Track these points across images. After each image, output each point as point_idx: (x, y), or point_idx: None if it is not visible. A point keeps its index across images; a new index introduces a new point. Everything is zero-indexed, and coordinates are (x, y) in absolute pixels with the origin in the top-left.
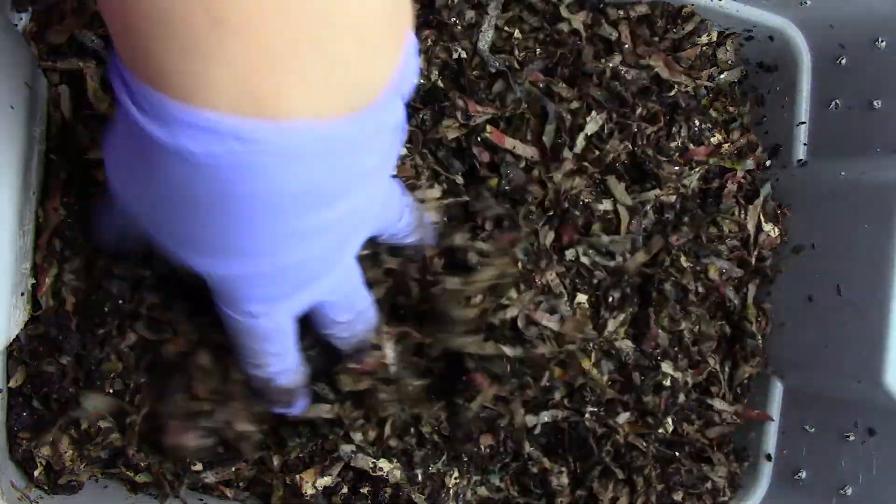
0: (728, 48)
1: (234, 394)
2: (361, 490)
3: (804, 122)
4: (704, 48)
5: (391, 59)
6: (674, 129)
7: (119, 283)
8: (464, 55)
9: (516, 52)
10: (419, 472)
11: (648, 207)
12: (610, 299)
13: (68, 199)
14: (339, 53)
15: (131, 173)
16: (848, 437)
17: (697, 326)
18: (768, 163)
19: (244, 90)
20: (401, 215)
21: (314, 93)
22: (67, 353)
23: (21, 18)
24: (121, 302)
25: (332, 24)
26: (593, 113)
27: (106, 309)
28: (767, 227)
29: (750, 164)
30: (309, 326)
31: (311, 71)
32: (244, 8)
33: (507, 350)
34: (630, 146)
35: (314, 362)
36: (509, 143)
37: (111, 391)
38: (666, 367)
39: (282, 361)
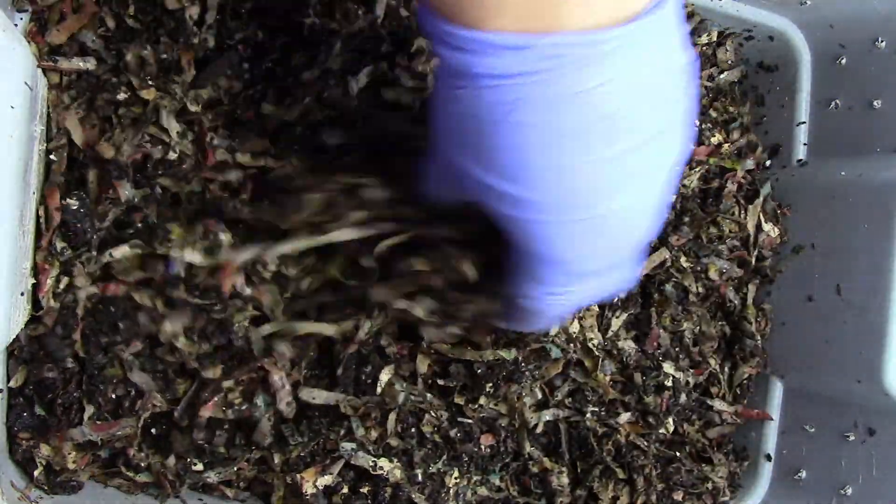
0: (728, 48)
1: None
2: (361, 490)
3: (804, 122)
4: (704, 48)
5: None
6: None
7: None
8: None
9: None
10: (419, 471)
11: None
12: (614, 299)
13: (71, 199)
14: None
15: (445, 111)
16: (848, 437)
17: (698, 327)
18: (768, 163)
19: (529, 11)
20: None
21: (586, 6)
22: (70, 357)
23: (21, 18)
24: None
25: None
26: None
27: (118, 323)
28: (767, 227)
29: (750, 164)
30: None
31: None
32: None
33: (505, 354)
34: None
35: None
36: None
37: (114, 395)
38: (667, 367)
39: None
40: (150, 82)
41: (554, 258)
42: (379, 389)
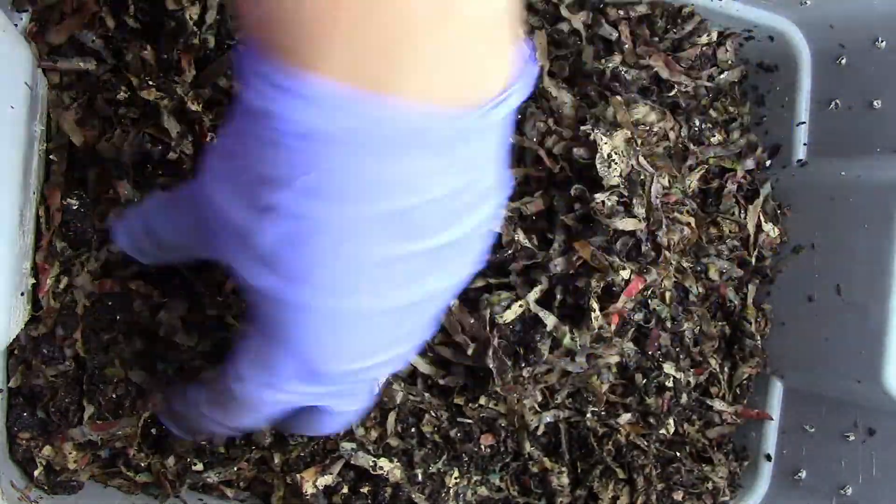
0: (728, 48)
1: None
2: (361, 490)
3: (804, 122)
4: (704, 48)
5: (505, 59)
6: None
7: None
8: None
9: None
10: (419, 471)
11: None
12: None
13: (71, 199)
14: (455, 45)
15: (230, 147)
16: (848, 437)
17: (698, 327)
18: (768, 163)
19: (360, 67)
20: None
21: (428, 79)
22: (70, 357)
23: (21, 18)
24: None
25: (450, 15)
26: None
27: (117, 317)
28: (767, 227)
29: (750, 164)
30: None
31: (427, 57)
32: None
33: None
34: None
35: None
36: None
37: (115, 395)
38: (668, 367)
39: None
40: (150, 82)
41: (293, 351)
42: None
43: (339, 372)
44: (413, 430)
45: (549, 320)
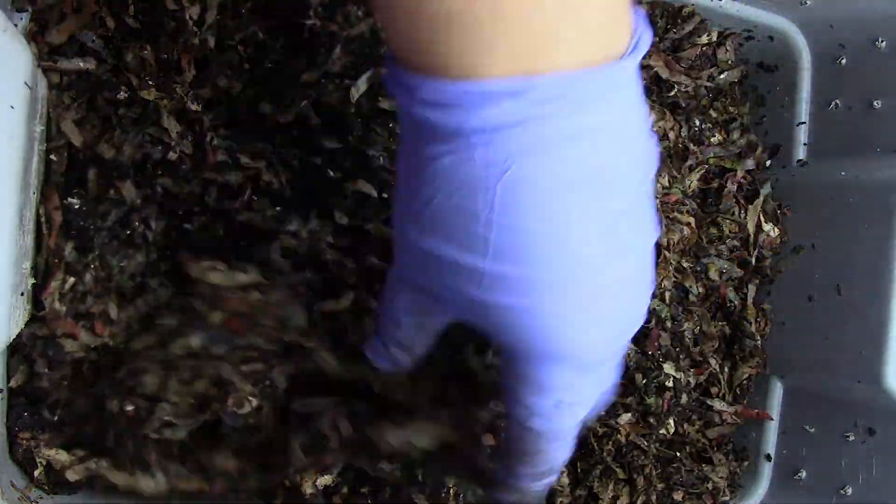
0: (728, 48)
1: None
2: (361, 490)
3: (804, 122)
4: (704, 48)
5: (627, 9)
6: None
7: None
8: None
9: None
10: (419, 471)
11: None
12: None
13: (72, 199)
14: (591, 16)
15: (420, 194)
16: (848, 437)
17: (698, 327)
18: (768, 163)
19: (523, 50)
20: None
21: (578, 46)
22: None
23: (21, 18)
24: None
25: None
26: None
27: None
28: (767, 227)
29: (750, 164)
30: None
31: (571, 28)
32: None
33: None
34: None
35: None
36: None
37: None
38: (668, 367)
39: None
40: (150, 82)
41: (559, 351)
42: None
43: (604, 347)
44: None
45: None
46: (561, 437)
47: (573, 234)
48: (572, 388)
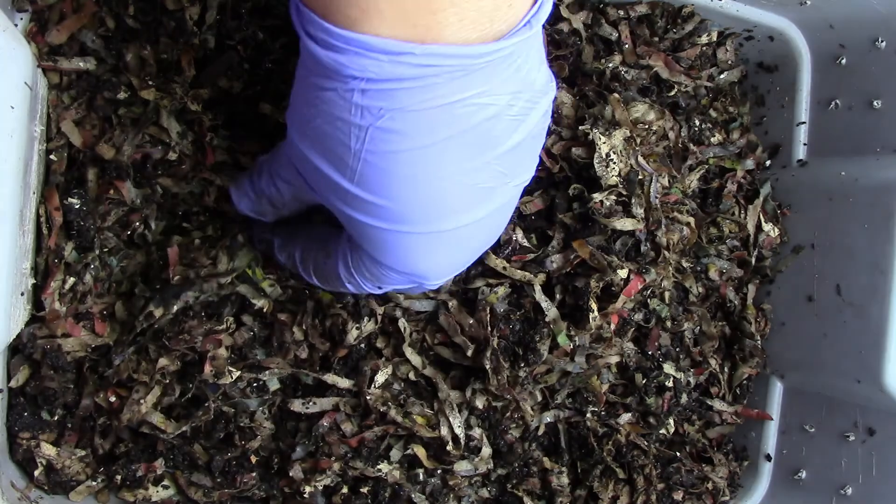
0: (728, 48)
1: None
2: (361, 490)
3: (804, 122)
4: (704, 48)
5: None
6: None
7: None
8: None
9: None
10: (420, 471)
11: None
12: None
13: (73, 199)
14: None
15: (303, 112)
16: (848, 437)
17: (698, 327)
18: (768, 163)
19: (405, 22)
20: None
21: (461, 24)
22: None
23: (21, 18)
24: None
25: None
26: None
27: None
28: (767, 227)
29: (750, 164)
30: None
31: (457, 7)
32: None
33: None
34: None
35: None
36: None
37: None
38: (668, 367)
39: None
40: (149, 82)
41: (388, 263)
42: (376, 389)
43: (448, 273)
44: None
45: (551, 312)
46: (343, 287)
47: (434, 182)
48: (399, 286)
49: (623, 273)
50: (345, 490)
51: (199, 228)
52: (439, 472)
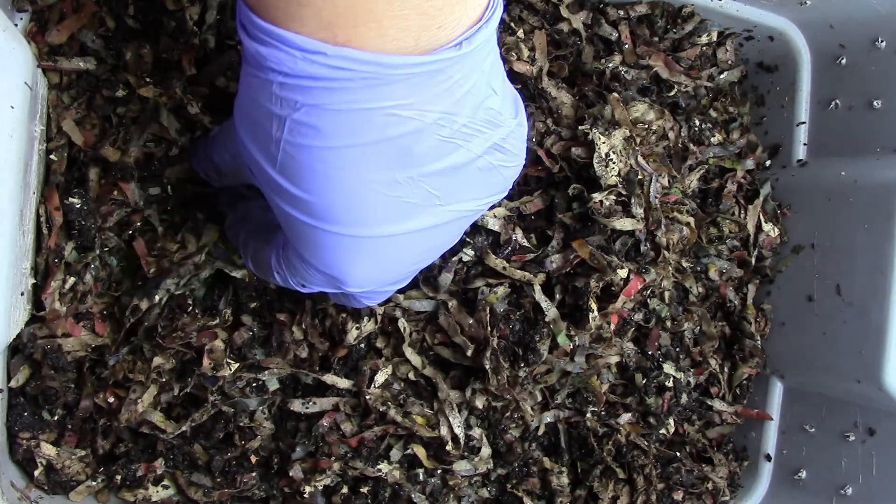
0: (728, 48)
1: None
2: (361, 490)
3: (804, 122)
4: (704, 48)
5: (464, 6)
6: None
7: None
8: None
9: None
10: (420, 471)
11: None
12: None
13: (73, 199)
14: (406, 5)
15: (242, 95)
16: (848, 437)
17: (698, 327)
18: (768, 163)
19: (327, 26)
20: None
21: (381, 35)
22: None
23: (21, 18)
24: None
25: None
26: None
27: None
28: (767, 227)
29: (750, 164)
30: None
31: (380, 18)
32: None
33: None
34: None
35: None
36: None
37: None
38: (668, 367)
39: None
40: (147, 80)
41: (310, 260)
42: (376, 389)
43: (368, 283)
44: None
45: (551, 312)
46: (272, 279)
47: (352, 184)
48: (322, 287)
49: (623, 273)
50: (345, 490)
51: (162, 220)
52: (439, 471)
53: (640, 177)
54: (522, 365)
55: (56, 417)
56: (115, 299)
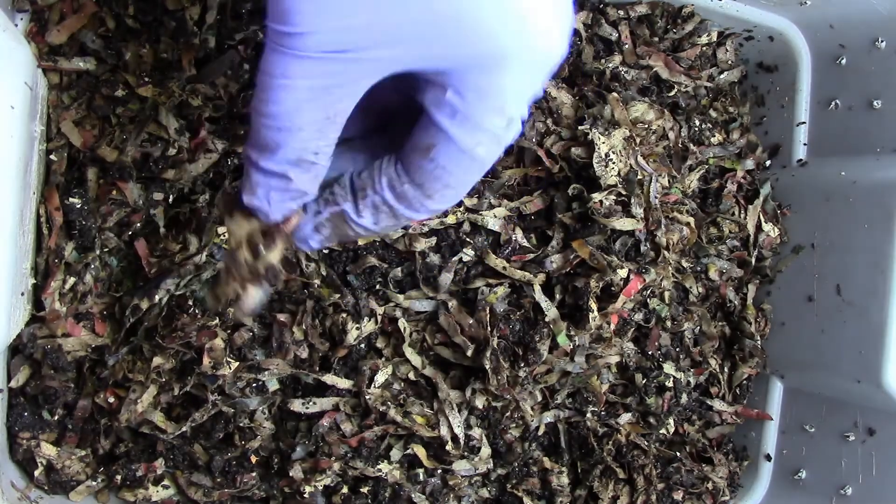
0: (728, 48)
1: None
2: (361, 490)
3: (804, 122)
4: (704, 48)
5: None
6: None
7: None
8: None
9: None
10: (420, 471)
11: None
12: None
13: (74, 199)
14: None
15: None
16: (848, 437)
17: (698, 327)
18: (768, 163)
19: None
20: None
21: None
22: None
23: (21, 18)
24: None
25: None
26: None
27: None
28: (767, 227)
29: (750, 164)
30: None
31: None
32: None
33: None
34: None
35: None
36: None
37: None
38: (668, 367)
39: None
40: (146, 79)
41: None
42: (376, 389)
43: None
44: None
45: (551, 312)
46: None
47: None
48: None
49: (623, 273)
50: (345, 490)
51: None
52: (439, 471)
53: (639, 177)
54: (522, 365)
55: (56, 417)
56: (115, 299)
